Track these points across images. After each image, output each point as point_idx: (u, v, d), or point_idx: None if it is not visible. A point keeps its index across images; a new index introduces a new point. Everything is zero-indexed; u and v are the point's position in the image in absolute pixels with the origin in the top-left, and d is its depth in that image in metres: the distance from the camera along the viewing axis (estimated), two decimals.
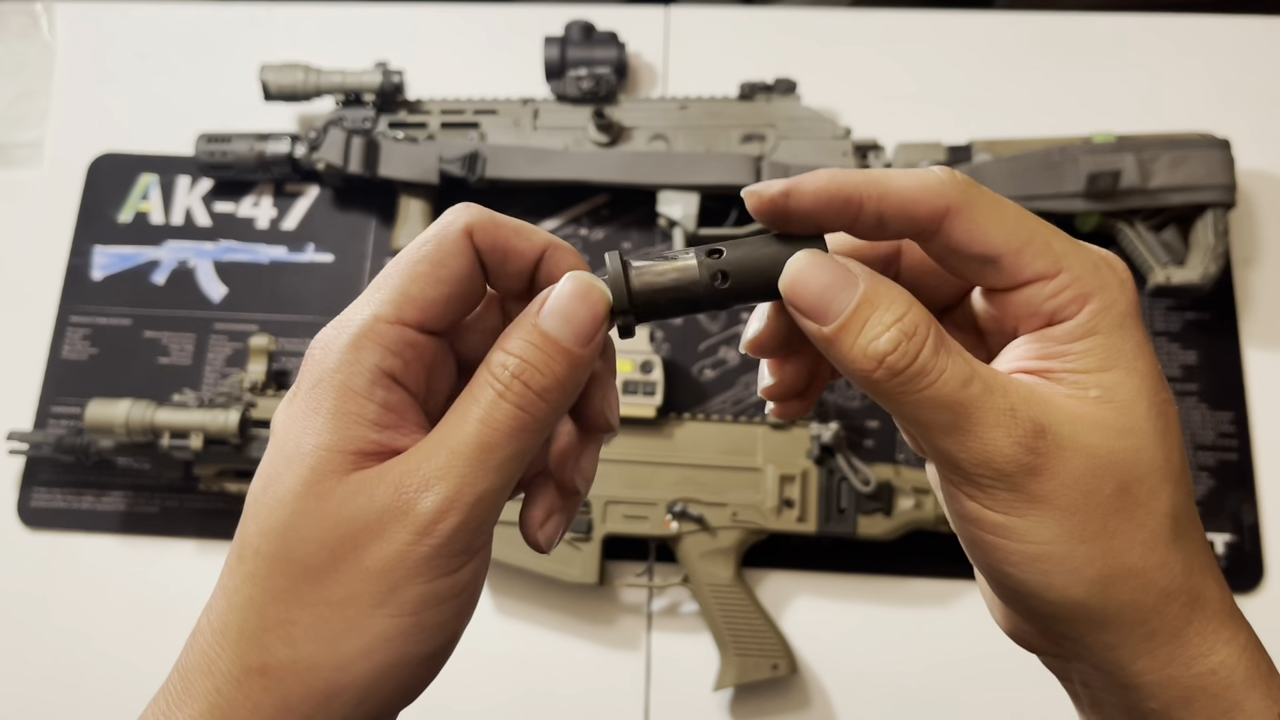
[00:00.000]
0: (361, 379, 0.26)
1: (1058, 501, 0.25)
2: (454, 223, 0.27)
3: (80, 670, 0.74)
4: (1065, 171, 0.76)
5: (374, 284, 0.27)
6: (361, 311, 0.26)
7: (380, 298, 0.27)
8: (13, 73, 0.90)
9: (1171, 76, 0.87)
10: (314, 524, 0.25)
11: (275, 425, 0.27)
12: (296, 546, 0.25)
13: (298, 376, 0.27)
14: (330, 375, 0.26)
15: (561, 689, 0.73)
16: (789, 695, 0.72)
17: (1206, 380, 0.78)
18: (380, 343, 0.26)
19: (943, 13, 0.91)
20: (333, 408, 0.26)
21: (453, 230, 0.27)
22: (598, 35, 0.84)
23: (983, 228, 0.26)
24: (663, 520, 0.72)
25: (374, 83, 0.81)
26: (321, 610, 0.25)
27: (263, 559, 0.25)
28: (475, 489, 0.25)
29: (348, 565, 0.25)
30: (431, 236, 0.27)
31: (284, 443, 0.26)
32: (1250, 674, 0.26)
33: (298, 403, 0.26)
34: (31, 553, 0.77)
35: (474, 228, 0.27)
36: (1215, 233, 0.75)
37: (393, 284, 0.27)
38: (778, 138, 0.81)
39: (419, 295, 0.27)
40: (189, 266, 0.84)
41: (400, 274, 0.27)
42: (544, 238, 0.28)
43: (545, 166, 0.80)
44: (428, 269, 0.27)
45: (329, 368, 0.26)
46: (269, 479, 0.26)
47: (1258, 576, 0.74)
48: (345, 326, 0.26)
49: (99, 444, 0.74)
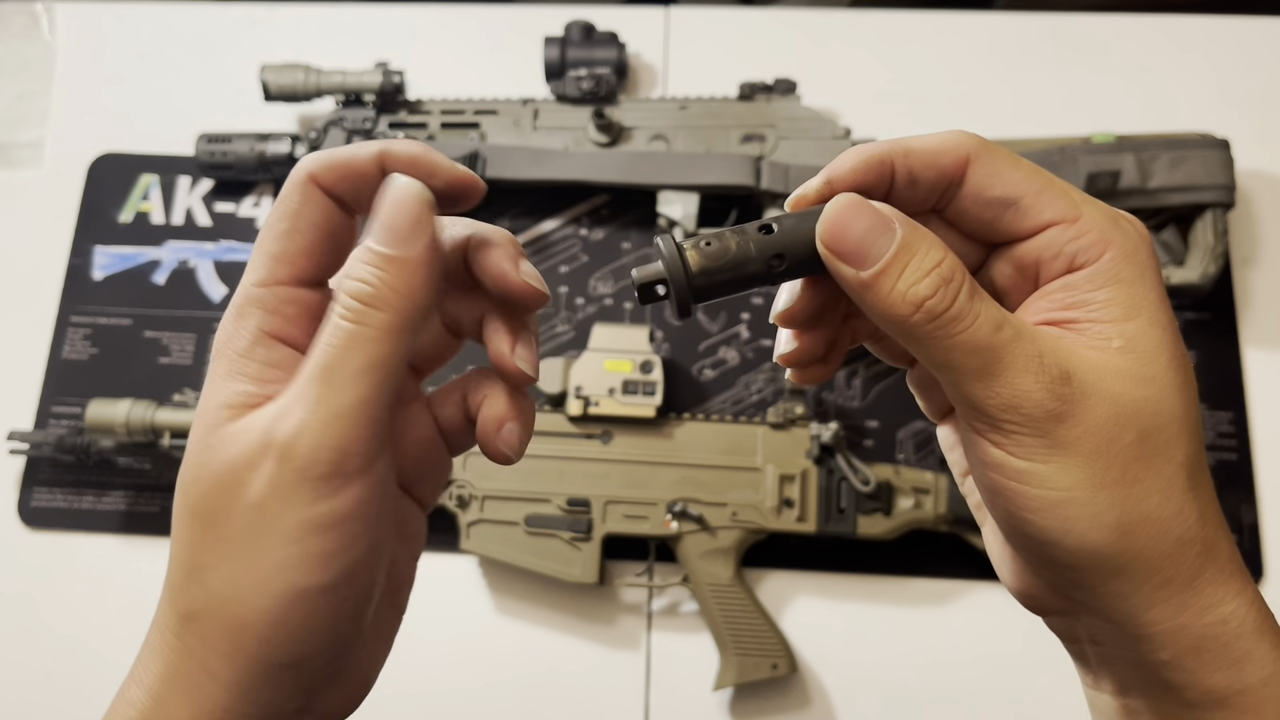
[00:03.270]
0: (243, 341, 0.27)
1: (1080, 447, 0.25)
2: (296, 173, 0.28)
3: (80, 670, 0.74)
4: (1065, 171, 0.76)
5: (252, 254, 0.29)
6: (240, 287, 0.28)
7: (253, 264, 0.28)
8: (13, 73, 0.91)
9: (1171, 76, 0.87)
10: (205, 474, 0.26)
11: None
12: (196, 498, 0.27)
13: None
14: (221, 347, 0.28)
15: (561, 689, 0.73)
16: (789, 695, 0.73)
17: (1206, 380, 0.78)
18: (259, 306, 0.27)
19: (942, 13, 0.91)
20: (221, 370, 0.27)
21: (296, 180, 0.28)
22: (598, 36, 0.85)
23: (1002, 172, 0.27)
24: (663, 520, 0.72)
25: (374, 83, 0.81)
26: (221, 550, 0.26)
27: (178, 514, 0.27)
28: (328, 406, 0.25)
29: (234, 504, 0.26)
30: (282, 195, 0.28)
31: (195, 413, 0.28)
32: (1259, 624, 0.26)
33: (210, 374, 0.28)
34: (32, 553, 0.77)
35: (315, 173, 0.28)
36: (1215, 233, 0.75)
37: (261, 249, 0.28)
38: (778, 138, 0.81)
39: (282, 252, 0.28)
40: (189, 266, 0.84)
41: (263, 237, 0.28)
42: (375, 146, 0.28)
43: (545, 166, 0.80)
44: (285, 224, 0.28)
45: (221, 340, 0.28)
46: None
47: (1257, 576, 0.74)
48: (233, 300, 0.28)
49: (99, 444, 0.74)
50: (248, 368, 0.27)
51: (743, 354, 0.80)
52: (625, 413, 0.73)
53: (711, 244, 0.27)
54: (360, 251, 0.27)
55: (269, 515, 0.26)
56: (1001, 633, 0.73)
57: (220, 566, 0.26)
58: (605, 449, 0.73)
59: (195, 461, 0.27)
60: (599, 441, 0.73)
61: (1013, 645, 0.73)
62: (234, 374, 0.27)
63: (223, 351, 0.28)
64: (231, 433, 0.26)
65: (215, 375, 0.27)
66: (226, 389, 0.27)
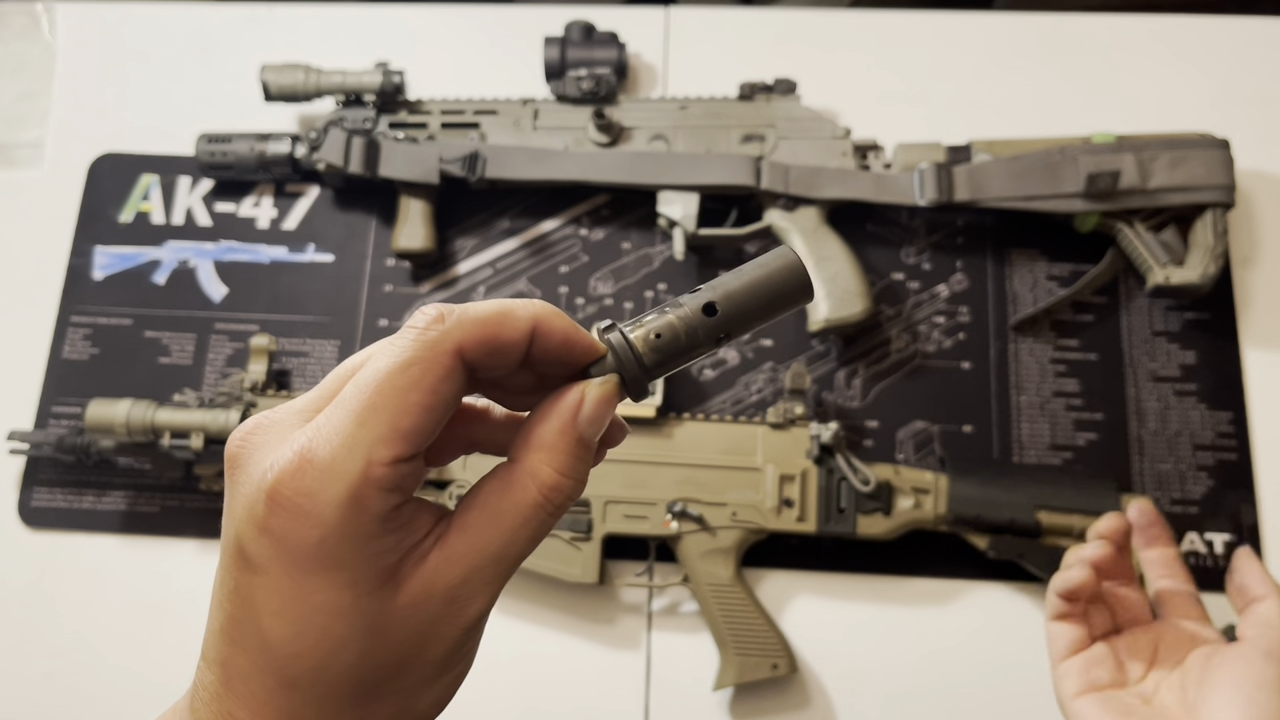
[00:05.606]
0: (372, 526, 0.26)
1: None
2: (440, 343, 0.26)
3: (80, 670, 0.74)
4: (1064, 171, 0.76)
5: (354, 412, 0.25)
6: (352, 457, 0.25)
7: (369, 437, 0.25)
8: (14, 73, 0.91)
9: (1171, 76, 0.87)
10: (377, 651, 0.26)
11: (275, 585, 0.26)
12: (361, 671, 0.26)
13: (271, 518, 0.25)
14: (335, 532, 0.25)
15: (561, 689, 0.73)
16: (789, 695, 0.73)
17: (1205, 380, 0.78)
18: (380, 488, 0.25)
19: (942, 13, 0.91)
20: (351, 560, 0.26)
21: (441, 352, 0.26)
22: (598, 36, 0.85)
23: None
24: (663, 520, 0.72)
25: (374, 83, 0.81)
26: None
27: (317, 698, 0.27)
28: (504, 583, 0.29)
29: (414, 666, 0.27)
30: (418, 359, 0.26)
31: (310, 598, 0.26)
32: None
33: (301, 560, 0.25)
34: (32, 552, 0.77)
35: (464, 348, 0.26)
36: (1214, 233, 0.75)
37: (383, 420, 0.25)
38: (777, 138, 0.81)
39: (411, 428, 0.26)
40: (190, 266, 0.84)
41: (389, 406, 0.25)
42: (528, 315, 0.27)
43: (545, 167, 0.80)
44: (417, 399, 0.26)
45: (329, 523, 0.25)
46: (312, 626, 0.26)
47: None
48: (333, 474, 0.25)
49: (100, 444, 0.74)
50: (385, 544, 0.26)
51: (743, 354, 0.80)
52: (625, 412, 0.73)
53: (662, 335, 0.28)
54: (574, 447, 0.28)
55: (448, 666, 0.28)
56: (1001, 633, 0.73)
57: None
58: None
59: (367, 646, 0.26)
60: None
61: (1012, 645, 0.73)
62: (371, 558, 0.26)
63: (342, 536, 0.25)
64: (406, 610, 0.27)
65: (345, 564, 0.25)
66: (373, 577, 0.26)
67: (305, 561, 0.25)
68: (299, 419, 0.27)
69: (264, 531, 0.25)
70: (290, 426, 0.27)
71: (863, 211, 0.81)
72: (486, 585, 0.28)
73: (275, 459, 0.26)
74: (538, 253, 0.83)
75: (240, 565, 0.26)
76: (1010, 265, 0.82)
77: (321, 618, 0.25)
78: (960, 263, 0.82)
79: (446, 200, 0.83)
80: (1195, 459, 0.76)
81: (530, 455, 0.28)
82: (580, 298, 0.82)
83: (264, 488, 0.25)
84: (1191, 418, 0.77)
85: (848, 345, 0.80)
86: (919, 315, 0.80)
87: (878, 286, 0.81)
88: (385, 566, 0.26)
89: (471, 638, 0.28)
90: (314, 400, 0.28)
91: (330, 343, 0.81)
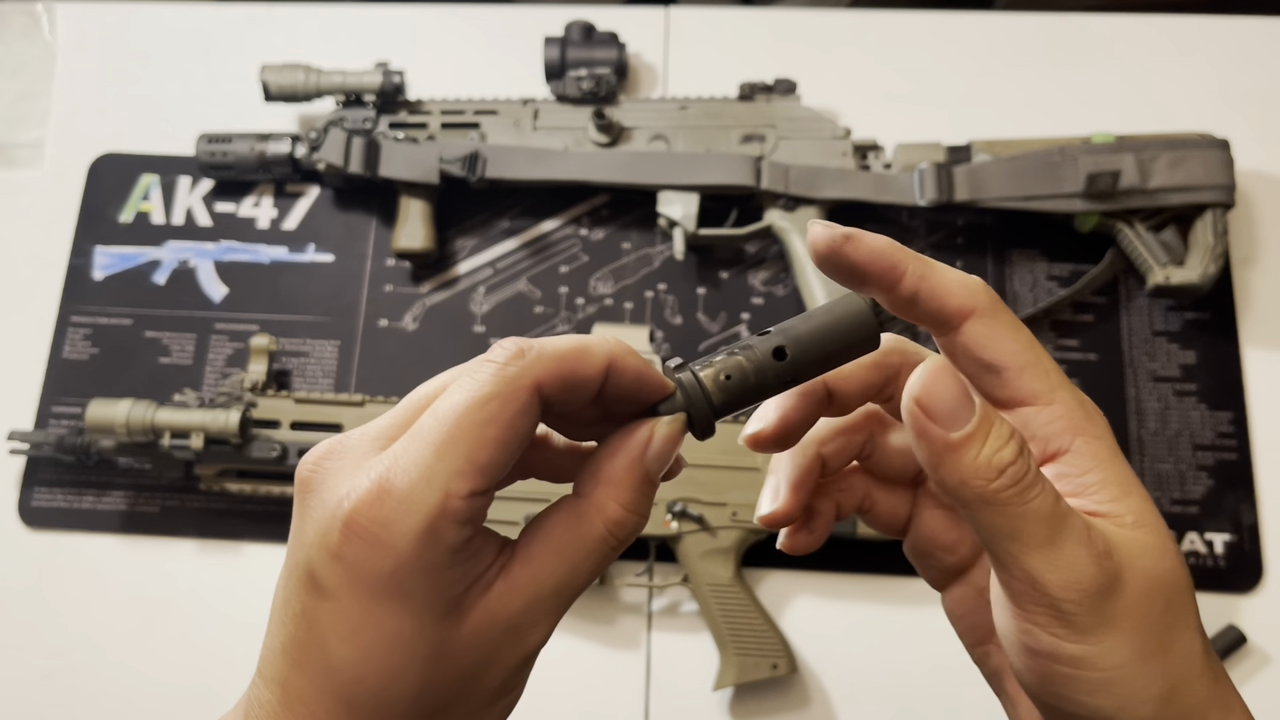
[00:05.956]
0: (444, 557, 0.26)
1: (1125, 623, 0.26)
2: (520, 378, 0.26)
3: (81, 670, 0.74)
4: (1064, 171, 0.76)
5: (433, 444, 0.26)
6: (430, 489, 0.25)
7: (447, 469, 0.25)
8: (14, 73, 0.91)
9: (1171, 76, 0.87)
10: (439, 679, 0.27)
11: (344, 611, 0.26)
12: (422, 698, 0.27)
13: (346, 545, 0.25)
14: (408, 562, 0.25)
15: (561, 689, 0.73)
16: (789, 695, 0.73)
17: (1205, 380, 0.78)
18: (456, 520, 0.25)
19: (942, 13, 0.91)
20: (421, 590, 0.26)
21: (520, 388, 0.26)
22: (598, 36, 0.85)
23: (999, 337, 0.28)
24: (663, 520, 0.72)
25: (374, 83, 0.81)
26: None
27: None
28: (563, 614, 0.29)
29: (473, 694, 0.28)
30: (497, 394, 0.26)
31: (379, 625, 0.26)
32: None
33: (373, 588, 0.26)
34: (32, 552, 0.77)
35: (543, 384, 0.27)
36: (1214, 233, 0.75)
37: (461, 453, 0.25)
38: (777, 138, 0.81)
39: (487, 462, 0.26)
40: (190, 266, 0.84)
41: (467, 440, 0.25)
42: (604, 353, 0.28)
43: (545, 167, 0.80)
44: (495, 434, 0.26)
45: (404, 553, 0.25)
46: (385, 653, 0.26)
47: (1257, 576, 0.74)
48: (410, 505, 0.25)
49: (100, 444, 0.74)
50: (454, 577, 0.26)
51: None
52: None
53: (731, 377, 0.29)
54: (642, 484, 0.28)
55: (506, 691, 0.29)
56: None
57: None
58: None
59: (430, 673, 0.26)
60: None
61: None
62: (442, 588, 0.26)
63: (414, 568, 0.25)
64: (469, 639, 0.27)
65: (415, 595, 0.26)
66: (442, 605, 0.26)
67: (376, 590, 0.25)
68: (373, 446, 0.27)
69: (337, 558, 0.26)
70: (364, 454, 0.27)
71: (863, 211, 0.81)
72: (548, 616, 0.28)
73: (352, 487, 0.26)
74: (538, 253, 0.83)
75: (309, 589, 0.26)
76: (1010, 265, 0.82)
77: (387, 645, 0.26)
78: (960, 263, 0.82)
79: (446, 200, 0.83)
80: (1195, 459, 0.76)
81: (598, 490, 0.28)
82: (580, 298, 0.82)
83: (340, 515, 0.25)
84: (1191, 418, 0.77)
85: None
86: None
87: None
88: (452, 597, 0.26)
89: (528, 666, 0.29)
90: (388, 428, 0.28)
91: (330, 343, 0.81)
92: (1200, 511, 0.75)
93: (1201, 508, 0.75)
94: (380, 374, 0.81)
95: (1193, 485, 0.76)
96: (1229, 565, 0.74)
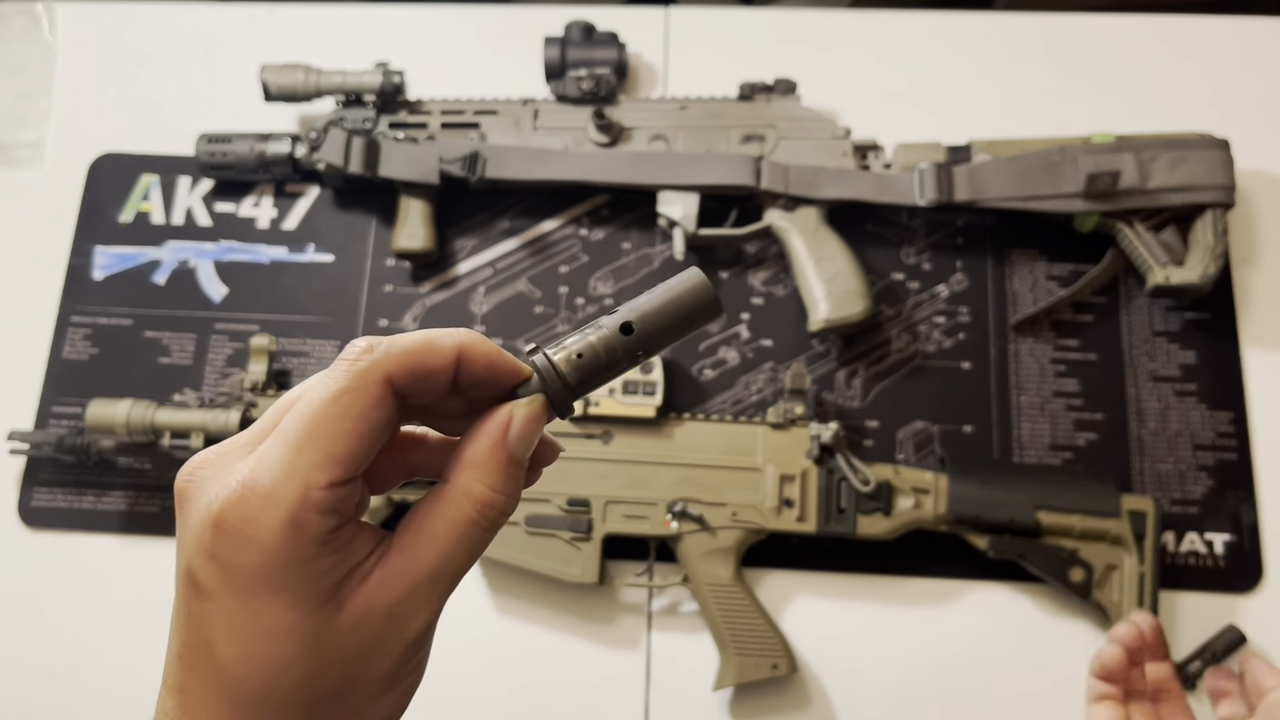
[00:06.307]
0: (311, 548, 0.27)
1: None
2: (370, 372, 0.27)
3: (81, 670, 0.74)
4: (1064, 172, 0.76)
5: (291, 441, 0.27)
6: (290, 483, 0.26)
7: (306, 463, 0.26)
8: (14, 73, 0.91)
9: (1171, 76, 0.87)
10: (323, 668, 0.27)
11: (224, 609, 0.27)
12: (309, 688, 0.27)
13: (217, 545, 0.26)
14: (277, 555, 0.26)
15: (561, 689, 0.73)
16: (789, 695, 0.73)
17: (1205, 380, 0.78)
18: (319, 511, 0.27)
19: (942, 13, 0.91)
20: (293, 581, 0.27)
21: (370, 381, 0.27)
22: (598, 36, 0.85)
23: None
24: (663, 520, 0.72)
25: (374, 83, 0.81)
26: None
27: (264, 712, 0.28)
28: (445, 598, 0.29)
29: (361, 681, 0.28)
30: (349, 389, 0.27)
31: (257, 620, 0.27)
32: None
33: (246, 584, 0.26)
34: (32, 552, 0.77)
35: (393, 376, 0.28)
36: (1214, 233, 0.75)
37: (318, 446, 0.27)
38: (778, 138, 0.81)
39: (344, 454, 0.27)
40: (190, 266, 0.84)
41: (323, 434, 0.27)
42: (452, 343, 0.29)
43: (545, 167, 0.80)
44: (349, 425, 0.27)
45: (271, 547, 0.26)
46: (257, 656, 0.27)
47: (1257, 576, 0.74)
48: (273, 500, 0.26)
49: (100, 444, 0.74)
50: (324, 565, 0.27)
51: (743, 354, 0.80)
52: (625, 413, 0.73)
53: (583, 355, 0.30)
54: (506, 465, 0.29)
55: (393, 685, 0.29)
56: (1001, 633, 0.73)
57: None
58: (605, 449, 0.73)
59: (308, 667, 0.27)
60: (599, 441, 0.73)
61: (1012, 645, 0.73)
62: (312, 578, 0.27)
63: (282, 560, 0.26)
64: (349, 628, 0.28)
65: (287, 585, 0.27)
66: (316, 595, 0.27)
67: (250, 585, 0.26)
68: (243, 451, 0.28)
69: (211, 558, 0.27)
70: (234, 459, 0.28)
71: (863, 211, 0.81)
72: (427, 601, 0.28)
73: (219, 489, 0.27)
74: (538, 253, 0.83)
75: (191, 592, 0.27)
76: (1010, 265, 0.82)
77: (268, 639, 0.27)
78: (960, 263, 0.82)
79: (446, 200, 0.83)
80: (1195, 459, 0.76)
81: (463, 474, 0.29)
82: (580, 298, 0.82)
83: (210, 516, 0.27)
84: (1191, 418, 0.77)
85: (848, 345, 0.80)
86: (919, 315, 0.81)
87: (878, 287, 0.81)
88: (327, 587, 0.27)
89: (416, 653, 0.29)
90: (256, 434, 0.29)
91: (330, 343, 0.81)
92: (1200, 511, 0.75)
93: (1201, 508, 0.75)
94: None
95: (1193, 485, 0.76)
96: (1229, 565, 0.74)
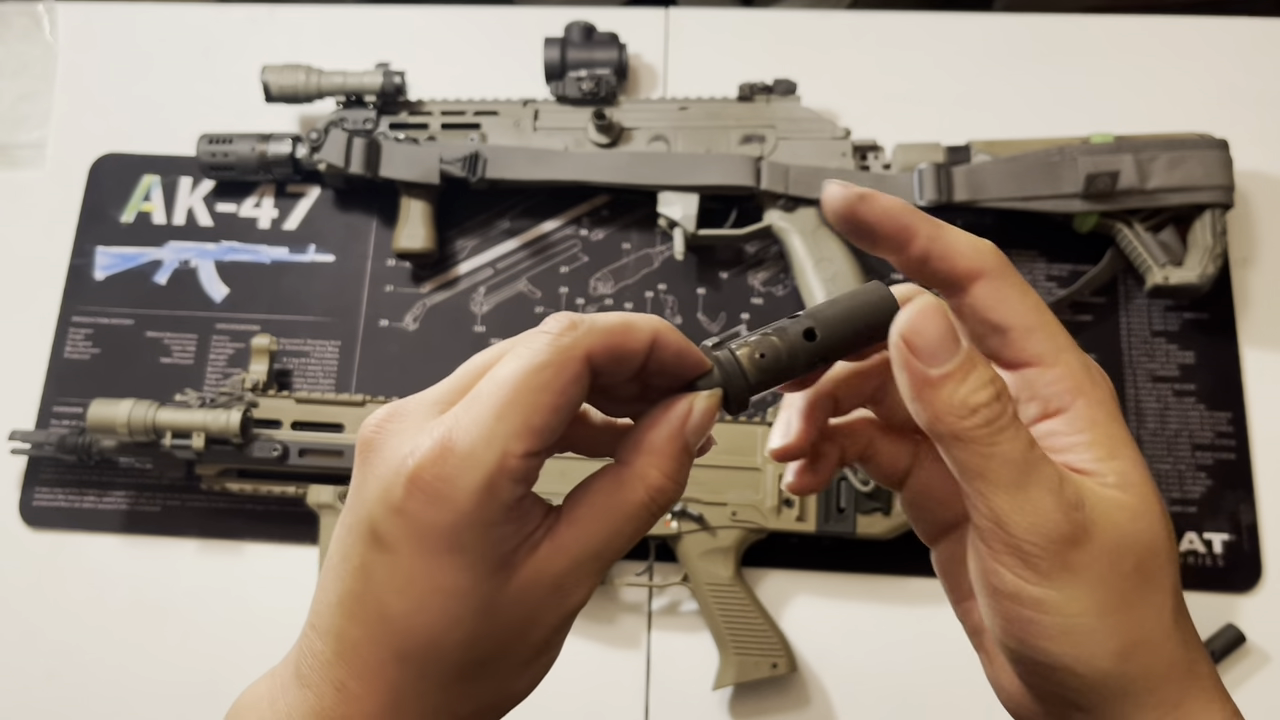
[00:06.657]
0: (499, 513, 0.27)
1: (1089, 574, 0.27)
2: (573, 348, 0.28)
3: (82, 669, 0.75)
4: (1063, 172, 0.76)
5: (492, 407, 0.27)
6: (489, 448, 0.27)
7: (506, 430, 0.27)
8: (15, 74, 0.91)
9: (1170, 77, 0.87)
10: (486, 631, 0.28)
11: (402, 563, 0.27)
12: (470, 649, 0.28)
13: (408, 500, 0.27)
14: (466, 516, 0.27)
15: (561, 688, 0.73)
16: (788, 694, 0.73)
17: (1204, 380, 0.78)
18: (512, 479, 0.27)
19: (942, 14, 0.91)
20: (475, 544, 0.27)
21: (572, 358, 0.28)
22: (598, 37, 0.85)
23: (1007, 299, 0.29)
24: (663, 519, 0.72)
25: (375, 84, 0.81)
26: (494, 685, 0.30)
27: (425, 672, 0.28)
28: (602, 576, 0.31)
29: (515, 649, 0.29)
30: (551, 362, 0.27)
31: (434, 577, 0.27)
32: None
33: (431, 541, 0.27)
34: (33, 552, 0.77)
35: (592, 353, 0.28)
36: (1213, 233, 0.75)
37: (518, 416, 0.27)
38: (777, 139, 0.81)
39: (541, 425, 0.27)
40: (191, 267, 0.84)
41: (524, 404, 0.27)
42: (649, 328, 0.29)
43: (545, 167, 0.80)
44: (549, 399, 0.27)
45: (463, 508, 0.27)
46: (438, 611, 0.28)
47: (1256, 576, 0.74)
48: (471, 462, 0.27)
49: (101, 444, 0.74)
50: (506, 534, 0.28)
51: None
52: None
53: (766, 355, 0.30)
54: (682, 454, 0.29)
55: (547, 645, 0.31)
56: None
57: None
58: None
59: (477, 626, 0.28)
60: None
61: None
62: (494, 544, 0.28)
63: (473, 521, 0.27)
64: (515, 595, 0.28)
65: (469, 549, 0.27)
66: (493, 559, 0.28)
67: (434, 543, 0.27)
68: (433, 410, 0.29)
69: (399, 513, 0.27)
70: (425, 416, 0.28)
71: None
72: (589, 576, 0.29)
73: (416, 445, 0.27)
74: (538, 253, 0.83)
75: (370, 543, 0.28)
76: None
77: (440, 597, 0.27)
78: None
79: (447, 201, 0.83)
80: (1194, 459, 0.77)
81: (640, 459, 0.29)
82: (580, 298, 0.82)
83: (404, 471, 0.27)
84: (1190, 418, 0.78)
85: None
86: None
87: None
88: (504, 553, 0.28)
89: (567, 625, 0.31)
90: (446, 394, 0.29)
91: (331, 343, 0.81)
92: (1199, 511, 0.75)
93: (1200, 508, 0.75)
94: (381, 374, 0.81)
95: (1192, 485, 0.76)
96: (1228, 565, 0.74)
